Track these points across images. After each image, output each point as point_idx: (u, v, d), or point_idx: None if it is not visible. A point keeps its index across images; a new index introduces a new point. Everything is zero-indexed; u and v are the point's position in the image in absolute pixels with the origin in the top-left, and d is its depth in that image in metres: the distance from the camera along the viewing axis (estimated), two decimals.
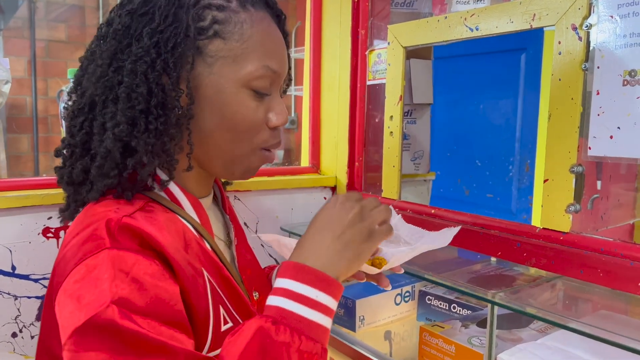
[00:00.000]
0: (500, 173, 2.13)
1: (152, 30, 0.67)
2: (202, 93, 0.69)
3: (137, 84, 0.66)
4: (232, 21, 0.69)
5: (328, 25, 1.43)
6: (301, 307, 0.62)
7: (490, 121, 2.14)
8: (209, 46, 0.69)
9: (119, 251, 0.60)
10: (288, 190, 1.35)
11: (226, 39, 0.69)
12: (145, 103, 0.67)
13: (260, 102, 0.72)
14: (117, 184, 0.68)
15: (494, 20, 0.99)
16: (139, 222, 0.63)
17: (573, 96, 0.87)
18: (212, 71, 0.69)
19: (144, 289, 0.58)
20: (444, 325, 1.00)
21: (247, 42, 0.70)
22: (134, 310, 0.56)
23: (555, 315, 0.75)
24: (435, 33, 1.10)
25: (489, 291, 0.83)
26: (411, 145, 1.42)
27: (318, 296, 0.63)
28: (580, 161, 0.87)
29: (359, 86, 1.36)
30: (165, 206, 0.71)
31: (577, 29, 0.86)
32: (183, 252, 0.66)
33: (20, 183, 0.99)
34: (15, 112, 3.07)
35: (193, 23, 0.68)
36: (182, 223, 0.70)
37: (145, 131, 0.67)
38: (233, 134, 0.71)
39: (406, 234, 0.83)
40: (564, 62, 0.88)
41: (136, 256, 0.60)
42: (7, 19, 3.12)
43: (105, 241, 0.60)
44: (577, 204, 0.88)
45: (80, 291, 0.57)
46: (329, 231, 0.68)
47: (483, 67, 2.14)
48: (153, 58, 0.67)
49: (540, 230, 0.92)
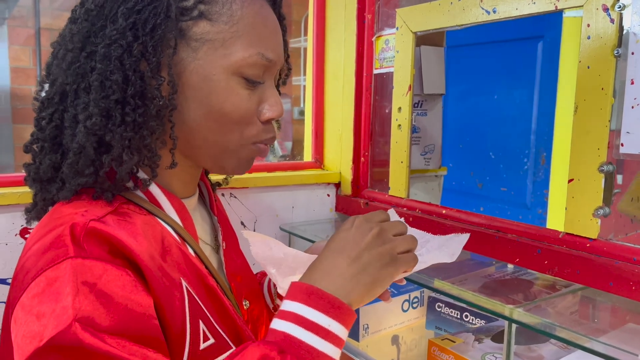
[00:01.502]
0: (514, 166, 2.06)
1: (128, 10, 0.59)
2: (185, 81, 0.62)
3: (111, 71, 0.59)
4: (220, 1, 0.62)
5: (332, 9, 1.34)
6: (312, 335, 0.56)
7: (504, 112, 2.07)
8: (193, 28, 0.61)
9: (83, 260, 0.53)
10: (289, 187, 1.28)
11: (213, 20, 0.62)
12: (120, 92, 0.59)
13: (252, 92, 0.65)
14: (94, 183, 0.61)
15: (513, 1, 0.89)
16: (108, 227, 0.56)
17: (603, 86, 0.77)
18: (197, 56, 0.62)
19: (112, 303, 0.52)
20: (455, 339, 0.91)
21: (237, 24, 0.62)
22: (100, 328, 0.50)
23: (584, 338, 0.66)
24: (447, 17, 1.01)
25: (507, 306, 0.75)
26: (421, 139, 1.33)
27: (330, 325, 0.57)
28: (611, 159, 0.78)
29: (365, 75, 1.28)
30: (143, 207, 0.64)
31: (609, 9, 0.76)
32: (159, 260, 0.59)
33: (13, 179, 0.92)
34: (20, 103, 3.03)
35: (175, 2, 0.60)
36: (162, 227, 0.63)
37: (122, 124, 0.60)
38: (221, 125, 0.64)
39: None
40: (593, 47, 0.78)
41: (105, 266, 0.53)
42: (11, 7, 3.07)
43: (69, 249, 0.54)
44: (606, 207, 0.79)
45: (40, 307, 0.51)
46: (344, 253, 0.62)
47: (498, 56, 2.06)
48: (129, 41, 0.59)
49: (563, 235, 0.83)
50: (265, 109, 0.66)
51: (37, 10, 3.05)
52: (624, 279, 0.74)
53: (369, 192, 1.27)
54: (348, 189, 1.33)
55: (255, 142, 0.67)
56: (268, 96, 0.66)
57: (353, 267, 0.61)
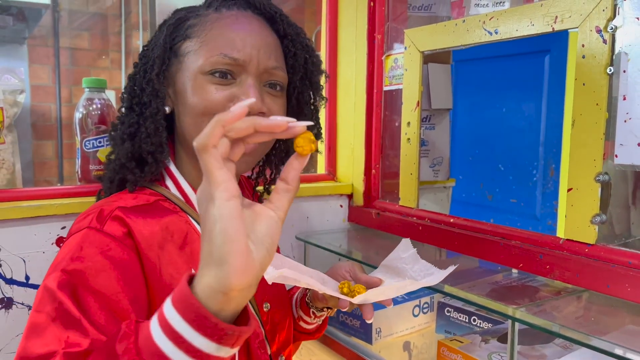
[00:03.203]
0: (524, 178, 2.09)
1: (148, 46, 0.79)
2: (177, 89, 0.76)
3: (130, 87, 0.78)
4: (201, 22, 0.75)
5: (344, 29, 1.41)
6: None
7: (513, 125, 2.10)
8: (181, 47, 0.75)
9: (96, 232, 0.66)
10: (304, 198, 1.33)
11: (192, 37, 0.75)
12: (128, 101, 0.78)
13: (221, 88, 0.72)
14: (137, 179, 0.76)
15: (513, 23, 0.95)
16: (129, 215, 0.69)
17: (598, 102, 0.83)
18: (182, 67, 0.75)
19: (101, 270, 0.63)
20: (463, 340, 0.96)
21: (207, 34, 0.74)
22: (82, 284, 0.61)
23: (580, 334, 0.71)
24: (453, 37, 1.07)
25: (510, 307, 0.80)
26: (430, 152, 1.38)
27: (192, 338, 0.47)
28: (606, 169, 0.83)
29: (375, 92, 1.34)
30: (177, 204, 0.76)
31: (602, 31, 0.82)
32: (173, 251, 0.70)
33: (34, 193, 0.99)
34: (40, 120, 3.13)
35: (170, 35, 0.76)
36: (189, 222, 0.75)
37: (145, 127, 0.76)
38: (193, 119, 0.73)
39: (415, 270, 0.81)
40: (588, 66, 0.84)
41: (112, 242, 0.66)
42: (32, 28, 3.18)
43: (91, 223, 0.68)
44: (603, 215, 0.84)
45: (56, 259, 0.66)
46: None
47: (506, 70, 2.10)
48: (144, 68, 0.77)
49: (564, 241, 0.88)
50: (236, 101, 0.71)
51: (56, 30, 3.16)
52: (620, 281, 0.79)
53: (380, 202, 1.33)
54: (360, 200, 1.38)
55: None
56: (242, 93, 0.72)
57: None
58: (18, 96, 1.02)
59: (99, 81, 1.05)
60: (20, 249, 0.96)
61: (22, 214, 0.95)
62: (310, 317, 0.91)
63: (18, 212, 0.95)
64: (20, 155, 1.05)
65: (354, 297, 0.73)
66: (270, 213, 0.49)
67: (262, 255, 0.47)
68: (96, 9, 3.23)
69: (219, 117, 0.46)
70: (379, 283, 0.79)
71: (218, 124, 0.45)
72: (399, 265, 0.83)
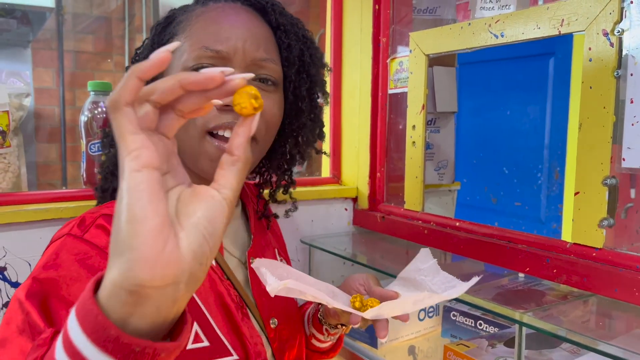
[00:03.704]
0: (528, 181, 2.08)
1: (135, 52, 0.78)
2: None
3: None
4: (187, 18, 0.71)
5: (349, 33, 1.41)
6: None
7: (517, 127, 2.09)
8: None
9: (74, 239, 0.62)
10: (308, 202, 1.33)
11: (178, 34, 0.71)
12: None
13: None
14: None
15: (519, 26, 0.95)
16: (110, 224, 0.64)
17: (605, 105, 0.82)
18: (169, 66, 0.68)
19: (76, 279, 0.58)
20: (470, 344, 0.96)
21: (192, 29, 0.70)
22: (53, 293, 0.56)
23: (588, 338, 0.71)
24: (458, 40, 1.07)
25: (517, 311, 0.79)
26: (435, 155, 1.38)
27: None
28: (614, 173, 0.83)
29: (380, 95, 1.34)
30: None
31: (609, 34, 0.82)
32: None
33: (40, 196, 0.99)
34: (44, 122, 3.14)
35: (157, 34, 0.73)
36: None
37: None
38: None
39: (435, 282, 0.73)
40: (594, 69, 0.84)
41: (92, 250, 0.61)
42: (36, 31, 3.19)
43: (71, 230, 0.64)
44: (610, 218, 0.83)
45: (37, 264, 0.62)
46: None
47: (510, 73, 2.10)
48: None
49: (571, 245, 0.88)
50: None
51: (60, 33, 3.17)
52: (628, 285, 0.79)
53: (385, 206, 1.33)
54: (365, 203, 1.38)
55: (210, 130, 0.66)
56: None
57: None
58: (24, 100, 1.02)
59: (104, 84, 1.05)
60: (25, 253, 0.96)
61: (27, 217, 0.95)
62: (323, 335, 0.86)
63: (23, 216, 0.94)
64: (25, 158, 1.06)
65: (365, 312, 0.67)
66: (212, 192, 0.39)
67: (194, 242, 0.37)
68: (100, 12, 3.24)
69: (133, 67, 0.37)
70: (395, 297, 0.73)
71: (132, 75, 0.36)
72: (418, 277, 0.76)
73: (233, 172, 0.40)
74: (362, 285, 0.78)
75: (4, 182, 0.99)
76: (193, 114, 0.40)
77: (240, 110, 0.40)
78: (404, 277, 0.79)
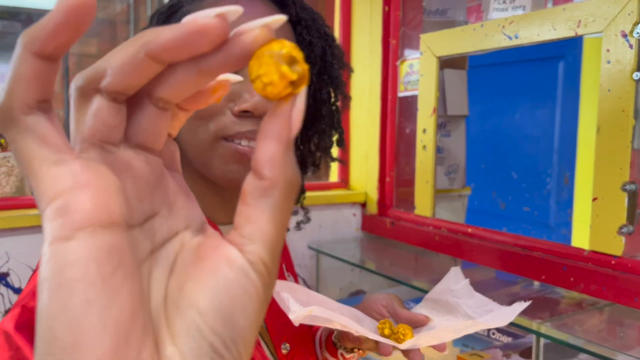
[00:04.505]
0: (537, 186, 2.06)
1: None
2: None
3: None
4: (196, 8, 0.62)
5: (358, 34, 1.39)
6: None
7: (526, 131, 2.07)
8: None
9: None
10: (316, 207, 1.31)
11: None
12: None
13: None
14: None
15: (534, 27, 0.93)
16: None
17: (624, 108, 0.80)
18: None
19: None
20: (483, 355, 0.93)
21: None
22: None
23: (606, 349, 0.68)
24: (470, 42, 1.05)
25: (534, 321, 0.77)
26: (445, 159, 1.36)
27: None
28: (633, 178, 0.80)
29: (389, 98, 1.32)
30: None
31: (627, 35, 0.79)
32: None
33: None
34: None
35: (157, 24, 0.64)
36: None
37: None
38: (187, 124, 0.59)
39: (470, 305, 0.67)
40: (613, 71, 0.81)
41: None
42: None
43: None
44: (630, 225, 0.81)
45: (22, 292, 0.54)
46: None
47: (519, 76, 2.08)
48: None
49: (588, 252, 0.85)
50: (239, 101, 0.58)
51: None
52: None
53: (395, 211, 1.30)
54: (374, 209, 1.36)
55: (226, 137, 0.59)
56: (245, 89, 0.58)
57: None
58: None
59: None
60: (28, 258, 0.94)
61: (31, 222, 0.93)
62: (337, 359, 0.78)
63: (27, 220, 0.93)
64: None
65: (401, 342, 0.61)
66: (229, 252, 0.21)
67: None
68: (105, 15, 3.24)
69: (22, 35, 0.18)
70: (426, 322, 0.66)
71: (24, 54, 0.18)
72: (450, 299, 0.69)
73: (266, 209, 0.21)
74: (385, 307, 0.72)
75: (8, 186, 0.97)
76: (193, 103, 0.23)
77: (263, 88, 0.21)
78: (433, 299, 0.72)
